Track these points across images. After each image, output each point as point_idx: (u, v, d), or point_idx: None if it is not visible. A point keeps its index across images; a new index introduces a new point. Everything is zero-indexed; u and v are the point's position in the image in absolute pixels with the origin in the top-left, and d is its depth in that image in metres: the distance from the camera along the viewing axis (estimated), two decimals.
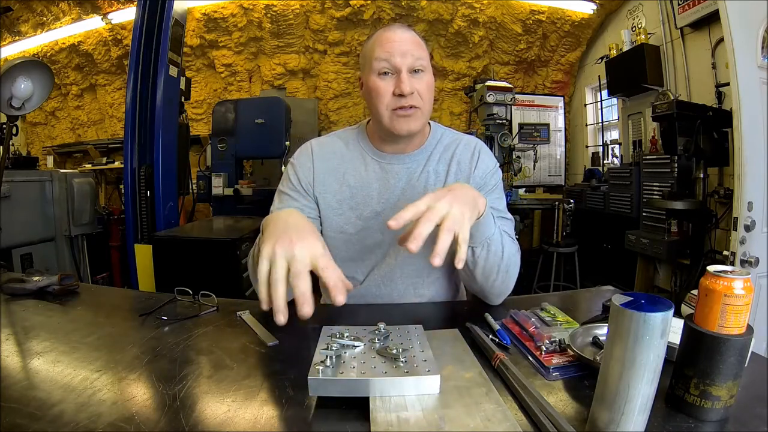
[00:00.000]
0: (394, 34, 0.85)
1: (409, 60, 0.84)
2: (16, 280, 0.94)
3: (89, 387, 0.56)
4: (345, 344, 0.59)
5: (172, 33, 2.60)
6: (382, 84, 0.85)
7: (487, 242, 0.79)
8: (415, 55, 0.84)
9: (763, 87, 1.76)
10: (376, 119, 0.90)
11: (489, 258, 0.81)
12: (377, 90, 0.85)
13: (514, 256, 0.85)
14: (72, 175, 2.97)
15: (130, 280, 2.57)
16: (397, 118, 0.86)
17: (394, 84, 0.84)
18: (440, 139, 0.98)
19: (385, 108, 0.86)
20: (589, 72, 4.28)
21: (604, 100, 4.03)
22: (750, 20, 1.73)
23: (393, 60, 0.83)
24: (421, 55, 0.86)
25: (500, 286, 0.86)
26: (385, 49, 0.84)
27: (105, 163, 4.46)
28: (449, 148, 0.97)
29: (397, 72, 0.84)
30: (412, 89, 0.84)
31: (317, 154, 0.96)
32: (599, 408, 0.47)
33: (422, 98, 0.86)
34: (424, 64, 0.86)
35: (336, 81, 4.39)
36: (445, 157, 0.96)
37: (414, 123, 0.87)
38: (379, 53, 0.84)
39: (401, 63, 0.83)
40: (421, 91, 0.86)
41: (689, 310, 0.68)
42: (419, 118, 0.87)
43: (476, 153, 0.97)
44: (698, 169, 2.60)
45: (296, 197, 0.94)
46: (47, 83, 2.07)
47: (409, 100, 0.84)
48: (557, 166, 4.39)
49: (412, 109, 0.85)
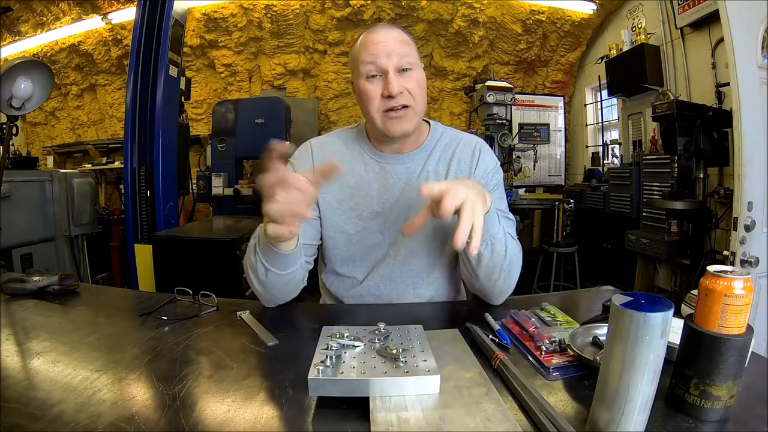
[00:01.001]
0: (378, 35, 0.84)
1: (395, 60, 0.83)
2: (16, 280, 0.94)
3: (89, 387, 0.56)
4: (345, 344, 0.59)
5: (172, 33, 2.60)
6: (371, 87, 0.84)
7: (491, 240, 0.79)
8: (400, 53, 0.83)
9: (763, 87, 1.76)
10: (369, 122, 0.90)
11: (493, 257, 0.81)
12: (366, 94, 0.84)
13: (516, 256, 0.85)
14: (72, 175, 2.97)
15: (130, 280, 2.57)
16: (389, 120, 0.85)
17: (382, 86, 0.83)
18: (440, 139, 0.97)
19: (376, 111, 0.85)
20: (589, 72, 4.28)
21: (604, 100, 4.03)
22: (750, 20, 1.73)
23: (379, 62, 0.82)
24: (408, 53, 0.84)
25: (502, 286, 0.85)
26: (370, 51, 0.83)
27: (105, 163, 4.46)
28: (449, 147, 0.96)
29: (384, 73, 0.83)
30: (400, 89, 0.82)
31: (317, 155, 0.96)
32: (599, 408, 0.47)
33: (413, 96, 0.85)
34: (411, 62, 0.84)
35: (336, 81, 4.39)
36: (445, 156, 0.96)
37: (407, 123, 0.86)
38: (364, 56, 0.84)
39: (387, 63, 0.82)
40: (412, 89, 0.84)
41: (689, 310, 0.68)
42: (412, 117, 0.86)
43: (477, 152, 0.96)
44: (698, 169, 2.60)
45: None
46: (47, 83, 2.06)
47: (399, 100, 0.83)
48: (557, 166, 4.39)
49: (404, 109, 0.84)
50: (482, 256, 0.80)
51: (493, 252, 0.80)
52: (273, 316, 0.83)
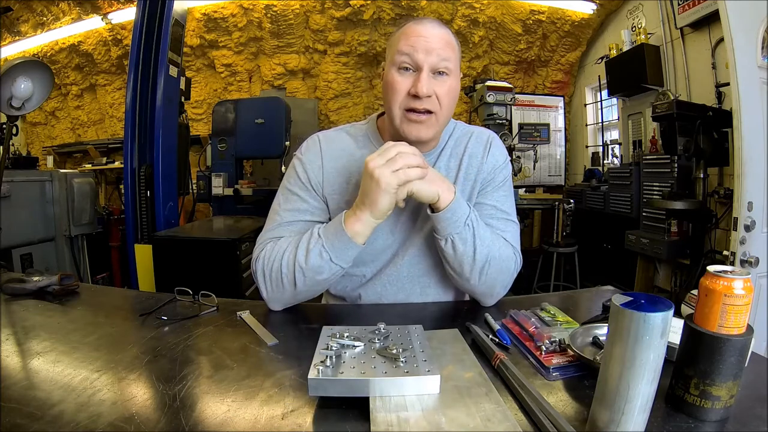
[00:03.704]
0: (424, 28, 0.79)
1: (433, 59, 0.78)
2: (16, 280, 0.94)
3: (89, 387, 0.56)
4: (345, 344, 0.59)
5: (172, 33, 2.60)
6: (400, 80, 0.79)
7: (450, 238, 0.80)
8: (441, 55, 0.78)
9: (763, 87, 1.75)
10: (388, 115, 0.85)
11: (456, 255, 0.82)
12: (393, 85, 0.79)
13: (497, 259, 0.83)
14: (72, 175, 2.96)
15: (130, 280, 2.57)
16: (408, 123, 0.80)
17: (412, 82, 0.78)
18: (452, 134, 0.94)
19: (398, 107, 0.80)
20: (589, 72, 4.28)
21: (604, 100, 4.03)
22: (750, 20, 1.73)
23: (416, 56, 0.77)
24: (449, 56, 0.79)
25: (481, 287, 0.85)
26: (409, 42, 0.78)
27: (105, 163, 4.47)
28: (460, 142, 0.93)
29: (417, 69, 0.78)
30: (429, 92, 0.77)
31: (326, 152, 0.90)
32: (599, 408, 0.47)
33: (440, 104, 0.80)
34: (450, 67, 0.79)
35: (336, 81, 4.39)
36: (456, 152, 0.92)
37: (425, 131, 0.81)
38: (402, 46, 0.78)
39: (424, 60, 0.77)
40: (441, 96, 0.79)
41: (689, 310, 0.68)
42: (432, 125, 0.81)
43: (488, 145, 0.93)
44: (698, 169, 2.60)
45: (305, 197, 0.89)
46: (47, 83, 2.06)
47: (425, 104, 0.78)
48: (557, 166, 4.39)
49: (427, 114, 0.79)
50: (444, 251, 0.83)
51: (456, 251, 0.81)
52: (273, 316, 0.83)
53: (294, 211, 0.88)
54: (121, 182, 3.47)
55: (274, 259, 0.81)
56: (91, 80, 4.63)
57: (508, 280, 0.88)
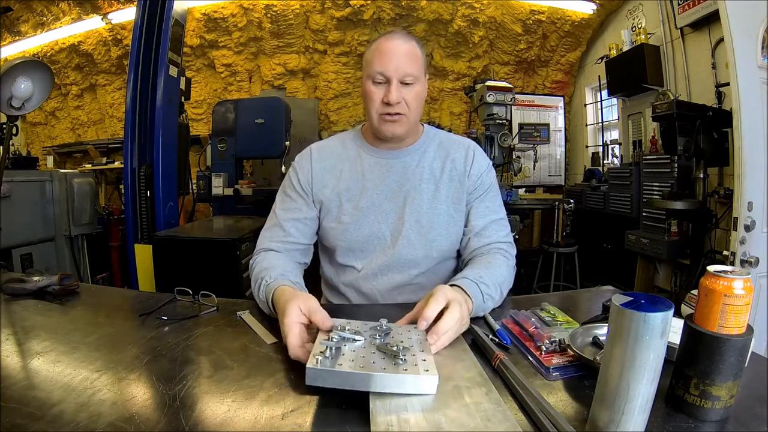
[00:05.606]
0: (394, 45, 0.92)
1: (401, 73, 0.92)
2: (16, 280, 0.94)
3: (89, 387, 0.56)
4: (346, 337, 0.59)
5: (172, 33, 2.59)
6: (375, 90, 0.94)
7: (484, 313, 0.84)
8: (407, 70, 0.92)
9: (763, 87, 1.75)
10: (368, 119, 1.00)
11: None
12: (370, 95, 0.95)
13: (506, 284, 0.92)
14: (72, 175, 2.96)
15: (130, 280, 2.57)
16: (384, 123, 0.96)
17: (384, 92, 0.93)
18: (433, 138, 1.06)
19: (375, 112, 0.95)
20: (589, 72, 4.28)
21: (604, 100, 4.03)
22: (750, 20, 1.73)
23: (386, 73, 0.92)
24: (413, 70, 0.93)
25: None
26: (381, 60, 0.92)
27: (105, 163, 4.46)
28: (443, 146, 1.05)
29: (388, 82, 0.92)
30: (399, 99, 0.92)
31: (315, 157, 1.04)
32: (599, 408, 0.47)
33: (409, 107, 0.95)
34: (415, 75, 0.93)
35: (336, 81, 4.39)
36: (440, 154, 1.04)
37: (399, 128, 0.96)
38: (375, 63, 0.93)
39: (393, 74, 0.92)
40: (409, 101, 0.94)
41: (689, 310, 0.68)
42: (404, 124, 0.96)
43: (471, 152, 1.04)
44: (698, 169, 2.60)
45: (295, 198, 1.03)
46: (47, 83, 2.06)
47: (396, 108, 0.93)
48: (557, 166, 4.39)
49: (398, 116, 0.94)
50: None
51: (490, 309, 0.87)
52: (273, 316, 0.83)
53: (287, 210, 1.02)
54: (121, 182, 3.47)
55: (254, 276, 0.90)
56: (91, 80, 4.62)
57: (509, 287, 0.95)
